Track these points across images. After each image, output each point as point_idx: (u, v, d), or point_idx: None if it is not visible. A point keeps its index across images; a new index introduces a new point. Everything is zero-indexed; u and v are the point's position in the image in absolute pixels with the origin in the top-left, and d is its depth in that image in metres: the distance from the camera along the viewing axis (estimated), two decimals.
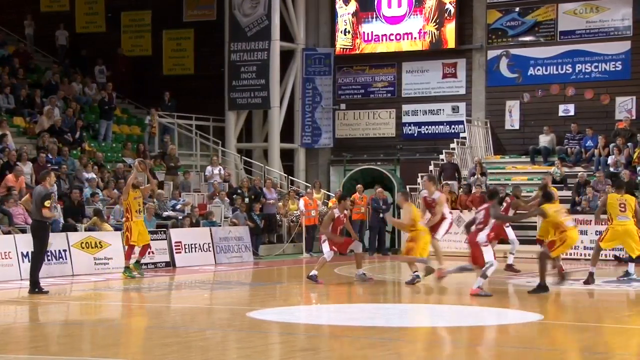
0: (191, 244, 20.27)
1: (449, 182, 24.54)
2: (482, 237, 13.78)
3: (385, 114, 28.87)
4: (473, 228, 14.17)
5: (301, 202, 24.10)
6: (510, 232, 17.88)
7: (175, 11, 30.49)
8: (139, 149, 24.90)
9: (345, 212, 16.79)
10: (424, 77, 28.48)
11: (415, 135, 28.55)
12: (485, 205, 14.25)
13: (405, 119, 28.67)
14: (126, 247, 17.29)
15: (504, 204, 18.45)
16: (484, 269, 13.77)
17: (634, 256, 15.80)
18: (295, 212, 24.56)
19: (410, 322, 11.84)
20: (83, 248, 17.92)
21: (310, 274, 16.04)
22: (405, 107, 28.70)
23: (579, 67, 26.51)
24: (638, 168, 23.19)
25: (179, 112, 27.54)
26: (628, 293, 15.04)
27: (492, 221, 13.90)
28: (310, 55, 28.57)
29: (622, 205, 15.52)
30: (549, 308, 13.28)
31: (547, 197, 14.85)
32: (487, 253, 13.79)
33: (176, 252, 19.77)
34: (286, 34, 28.07)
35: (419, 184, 25.57)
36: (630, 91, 25.50)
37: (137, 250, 17.28)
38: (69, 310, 13.63)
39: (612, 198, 15.80)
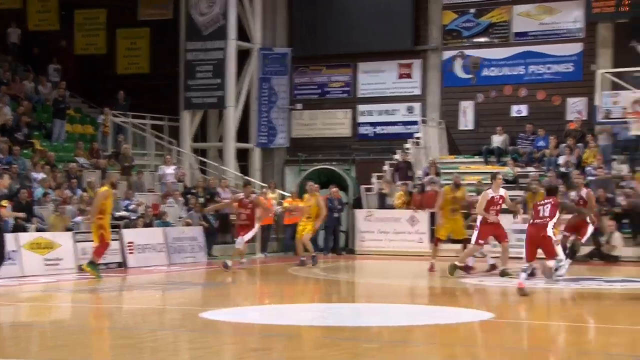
0: (144, 245, 20.13)
1: (406, 182, 24.72)
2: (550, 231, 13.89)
3: (341, 114, 28.93)
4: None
5: None
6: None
7: (130, 10, 30.26)
8: (93, 148, 24.68)
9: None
10: (379, 78, 28.59)
11: (371, 135, 28.64)
12: (548, 201, 14.10)
13: (360, 119, 28.76)
14: (97, 244, 17.05)
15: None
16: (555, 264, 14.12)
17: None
18: None
19: (365, 322, 11.86)
20: (33, 249, 17.71)
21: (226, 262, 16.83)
22: (360, 108, 28.78)
23: (531, 68, 26.78)
24: (587, 168, 23.48)
25: (133, 111, 27.33)
26: (577, 291, 15.20)
27: (557, 216, 13.99)
28: (266, 55, 28.53)
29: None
30: (500, 306, 13.39)
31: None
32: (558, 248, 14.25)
33: (129, 253, 19.62)
34: (243, 34, 28.00)
35: (373, 184, 25.68)
36: (581, 92, 25.81)
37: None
38: (18, 312, 13.45)
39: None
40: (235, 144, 27.78)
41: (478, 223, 16.55)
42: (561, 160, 24.37)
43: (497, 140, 26.37)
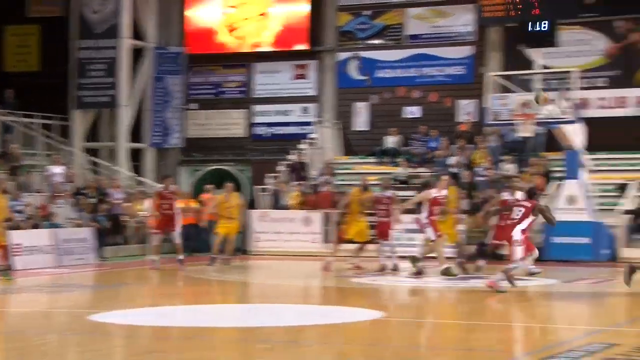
0: (32, 246, 19.64)
1: (300, 182, 24.80)
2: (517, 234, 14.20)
3: (237, 114, 28.85)
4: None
5: (147, 203, 23.72)
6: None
7: (18, 6, 29.52)
8: None
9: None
10: (275, 78, 28.61)
11: (266, 135, 28.64)
12: (524, 203, 14.47)
13: (256, 120, 28.73)
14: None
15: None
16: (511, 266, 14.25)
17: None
18: (142, 212, 24.15)
19: (257, 322, 11.84)
20: None
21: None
22: (256, 108, 28.75)
23: (424, 70, 27.20)
24: (476, 169, 23.98)
25: (22, 110, 26.65)
26: (466, 289, 15.49)
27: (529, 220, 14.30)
28: (161, 54, 28.23)
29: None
30: (390, 305, 13.57)
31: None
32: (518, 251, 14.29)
33: (16, 255, 19.10)
34: (137, 32, 27.64)
35: (268, 184, 25.67)
36: (472, 94, 26.34)
37: None
38: None
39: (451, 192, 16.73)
40: (128, 144, 27.39)
41: (424, 219, 16.67)
42: (452, 160, 24.83)
43: (391, 141, 26.71)
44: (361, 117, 27.81)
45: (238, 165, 28.05)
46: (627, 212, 21.54)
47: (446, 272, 16.45)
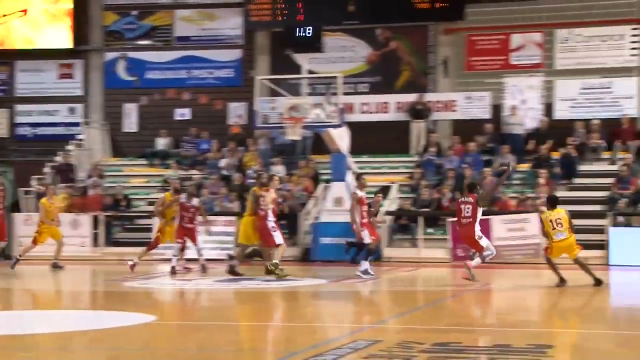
0: None
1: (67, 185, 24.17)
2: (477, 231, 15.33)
3: None
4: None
5: None
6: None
7: None
8: None
9: None
10: (39, 77, 27.75)
11: (30, 136, 27.71)
12: (469, 200, 15.29)
13: (19, 119, 27.76)
14: None
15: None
16: (484, 254, 15.35)
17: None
18: None
19: (23, 330, 11.45)
20: None
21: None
22: (19, 107, 27.76)
23: (194, 72, 27.26)
24: (248, 171, 24.32)
25: None
26: (239, 291, 15.71)
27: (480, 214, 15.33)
28: None
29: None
30: (163, 309, 13.53)
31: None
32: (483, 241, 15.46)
33: None
34: None
35: (33, 187, 24.83)
36: (242, 97, 26.70)
37: None
38: None
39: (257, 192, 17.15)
40: None
41: (270, 225, 16.67)
42: (223, 163, 25.03)
43: (162, 143, 26.57)
44: (131, 119, 27.49)
45: (0, 166, 26.93)
46: (389, 213, 22.57)
47: (233, 271, 16.89)
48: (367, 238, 17.04)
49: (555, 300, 14.28)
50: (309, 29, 25.18)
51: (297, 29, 25.20)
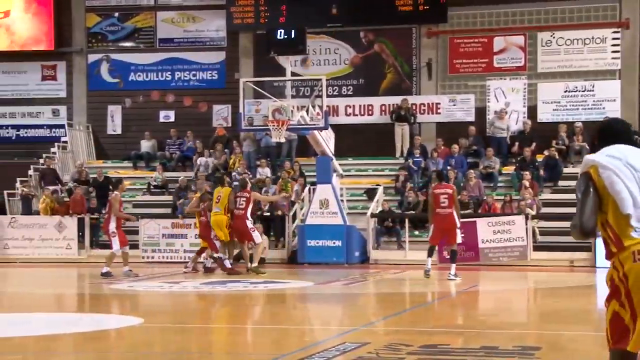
0: None
1: (50, 187, 24.08)
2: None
3: None
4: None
5: None
6: None
7: None
8: None
9: None
10: (21, 79, 27.64)
11: (13, 138, 27.62)
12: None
13: (1, 121, 27.67)
14: None
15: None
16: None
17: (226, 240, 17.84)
18: None
19: (6, 333, 11.40)
20: None
21: None
22: (1, 109, 27.67)
23: (178, 74, 27.23)
24: (233, 173, 24.31)
25: None
26: (226, 293, 15.70)
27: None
28: None
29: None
30: (149, 311, 13.50)
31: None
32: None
33: None
34: None
35: (17, 189, 24.75)
36: (226, 99, 26.67)
37: None
38: None
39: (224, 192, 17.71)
40: None
41: (249, 225, 17.55)
42: (209, 164, 25.00)
43: (146, 145, 26.51)
44: (115, 121, 27.42)
45: None
46: (374, 215, 22.60)
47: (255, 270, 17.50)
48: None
49: (541, 302, 14.35)
50: (292, 32, 25.18)
51: (280, 31, 25.19)
